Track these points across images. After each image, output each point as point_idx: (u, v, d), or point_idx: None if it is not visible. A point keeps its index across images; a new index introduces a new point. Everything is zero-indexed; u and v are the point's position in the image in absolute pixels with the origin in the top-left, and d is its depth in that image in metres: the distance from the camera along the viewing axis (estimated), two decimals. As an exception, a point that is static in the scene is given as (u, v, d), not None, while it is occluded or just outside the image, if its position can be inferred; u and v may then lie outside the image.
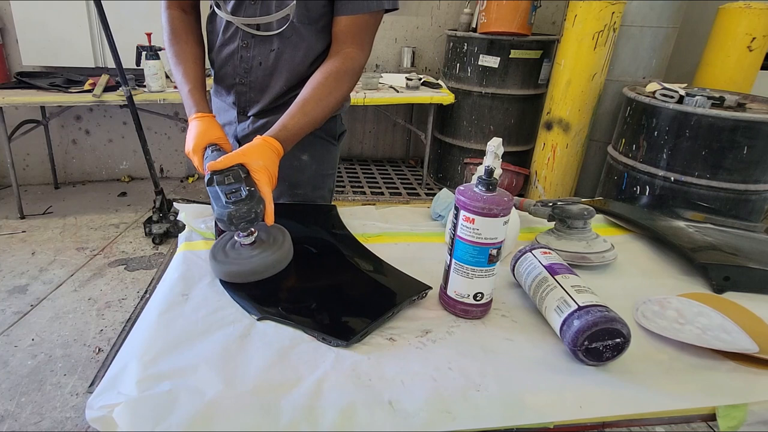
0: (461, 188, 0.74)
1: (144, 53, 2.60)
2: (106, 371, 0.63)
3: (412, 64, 3.48)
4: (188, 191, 3.44)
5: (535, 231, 1.06)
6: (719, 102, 2.18)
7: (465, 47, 3.07)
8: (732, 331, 0.74)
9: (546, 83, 3.07)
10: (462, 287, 0.75)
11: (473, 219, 0.71)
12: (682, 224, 1.11)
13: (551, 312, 0.72)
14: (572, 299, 0.70)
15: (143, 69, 2.67)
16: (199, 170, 0.90)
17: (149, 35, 2.63)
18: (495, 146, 0.96)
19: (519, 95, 3.09)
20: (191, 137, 0.91)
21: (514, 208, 0.97)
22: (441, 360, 0.67)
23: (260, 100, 1.08)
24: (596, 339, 0.66)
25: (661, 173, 2.30)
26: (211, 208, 0.81)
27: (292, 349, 0.68)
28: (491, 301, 0.79)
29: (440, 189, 1.52)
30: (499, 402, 0.61)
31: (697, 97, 2.16)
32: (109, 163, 3.49)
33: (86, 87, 2.66)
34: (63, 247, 2.57)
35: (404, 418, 0.58)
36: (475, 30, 3.06)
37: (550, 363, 0.68)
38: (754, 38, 2.56)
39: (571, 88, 2.75)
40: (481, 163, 0.99)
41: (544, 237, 1.00)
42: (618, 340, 0.66)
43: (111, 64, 2.62)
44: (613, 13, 2.56)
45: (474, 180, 0.76)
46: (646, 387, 0.65)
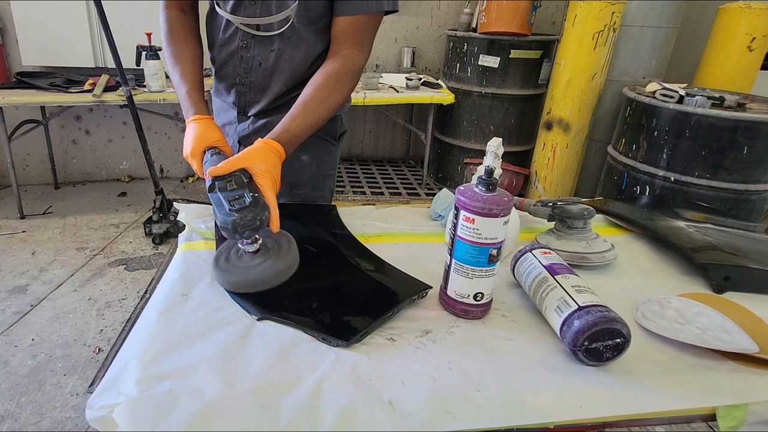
0: (461, 188, 0.74)
1: (144, 53, 2.60)
2: (106, 371, 0.63)
3: (412, 64, 3.48)
4: (188, 191, 3.44)
5: (535, 231, 1.06)
6: (719, 102, 2.18)
7: (465, 47, 3.07)
8: (732, 331, 0.74)
9: (546, 83, 3.07)
10: (462, 287, 0.75)
11: (473, 219, 0.71)
12: (682, 224, 1.11)
13: (551, 312, 0.72)
14: (572, 299, 0.70)
15: (143, 69, 2.67)
16: (199, 174, 0.87)
17: (149, 35, 2.64)
18: (495, 146, 0.96)
19: (519, 95, 3.09)
20: (189, 140, 0.88)
21: (514, 208, 0.97)
22: (441, 360, 0.67)
23: (260, 101, 1.08)
24: (596, 339, 0.66)
25: (661, 173, 2.30)
26: (213, 215, 0.78)
27: (292, 349, 0.68)
28: (491, 301, 0.79)
29: (440, 189, 1.51)
30: (499, 402, 0.61)
31: (697, 97, 2.16)
32: (109, 163, 3.49)
33: (86, 87, 2.66)
34: (63, 247, 2.57)
35: (404, 418, 0.58)
36: (475, 30, 3.06)
37: (550, 363, 0.68)
38: (754, 38, 2.56)
39: (571, 88, 2.75)
40: (481, 163, 0.99)
41: (544, 237, 1.00)
42: (618, 340, 0.66)
43: (111, 64, 2.62)
44: (613, 13, 2.56)
45: (474, 180, 0.76)
46: (646, 387, 0.65)
